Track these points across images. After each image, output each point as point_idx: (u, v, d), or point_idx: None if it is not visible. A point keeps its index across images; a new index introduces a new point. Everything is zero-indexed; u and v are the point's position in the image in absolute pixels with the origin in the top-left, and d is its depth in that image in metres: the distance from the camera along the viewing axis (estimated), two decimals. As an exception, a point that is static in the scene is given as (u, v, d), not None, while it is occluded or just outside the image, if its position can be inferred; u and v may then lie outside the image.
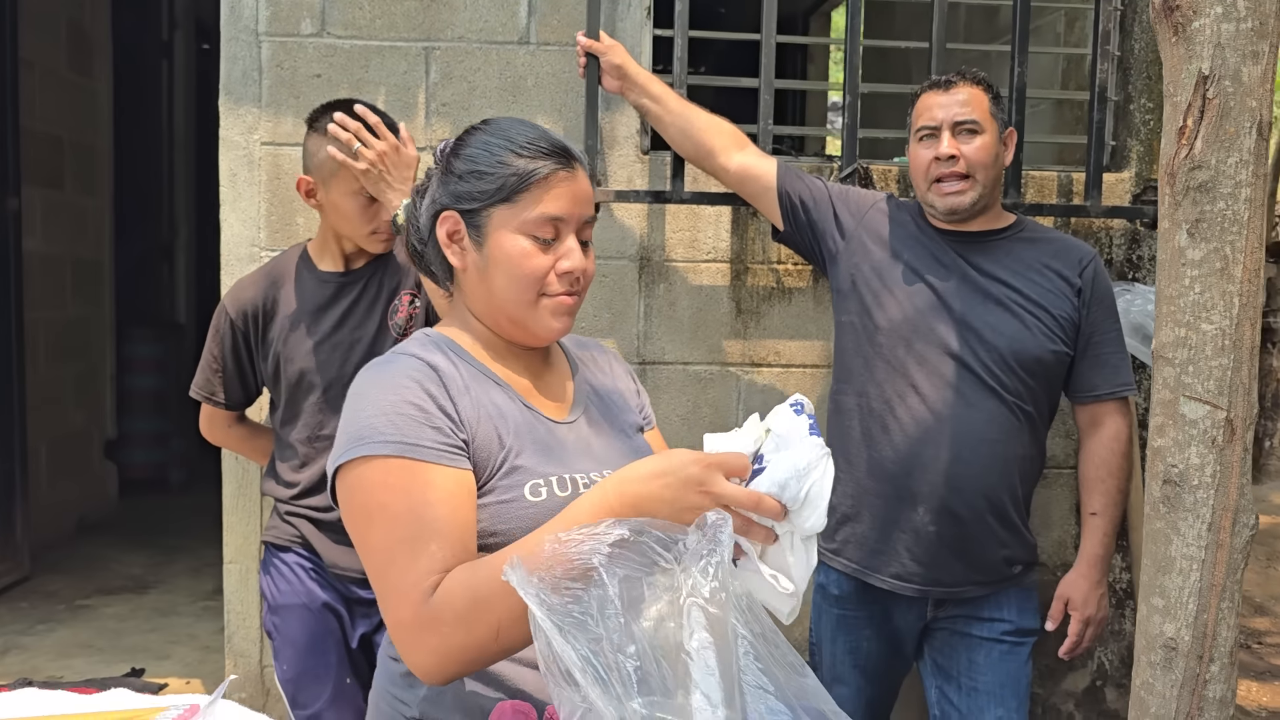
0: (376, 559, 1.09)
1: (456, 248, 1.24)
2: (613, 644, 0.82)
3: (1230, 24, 1.28)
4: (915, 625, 2.13)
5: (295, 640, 2.17)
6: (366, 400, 1.14)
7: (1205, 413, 1.32)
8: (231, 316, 2.16)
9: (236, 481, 2.61)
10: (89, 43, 5.14)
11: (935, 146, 2.03)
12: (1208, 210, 1.31)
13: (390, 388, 1.14)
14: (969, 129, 2.02)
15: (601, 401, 1.35)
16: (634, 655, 0.80)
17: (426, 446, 1.11)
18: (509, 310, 1.23)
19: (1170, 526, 1.36)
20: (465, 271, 1.25)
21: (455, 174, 1.24)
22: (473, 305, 1.27)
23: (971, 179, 2.02)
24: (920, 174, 2.07)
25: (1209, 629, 1.34)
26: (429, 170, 1.31)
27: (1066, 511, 2.74)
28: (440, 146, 1.29)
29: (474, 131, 1.26)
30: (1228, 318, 1.31)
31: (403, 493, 1.08)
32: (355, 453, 1.11)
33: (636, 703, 0.82)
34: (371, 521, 1.09)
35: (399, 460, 1.10)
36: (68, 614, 3.82)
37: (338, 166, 2.00)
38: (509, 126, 1.24)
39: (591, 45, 2.36)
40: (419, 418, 1.12)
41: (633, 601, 0.86)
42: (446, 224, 1.24)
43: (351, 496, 1.12)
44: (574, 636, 0.83)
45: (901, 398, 2.04)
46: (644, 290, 2.62)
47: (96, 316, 5.29)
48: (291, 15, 2.53)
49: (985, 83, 2.07)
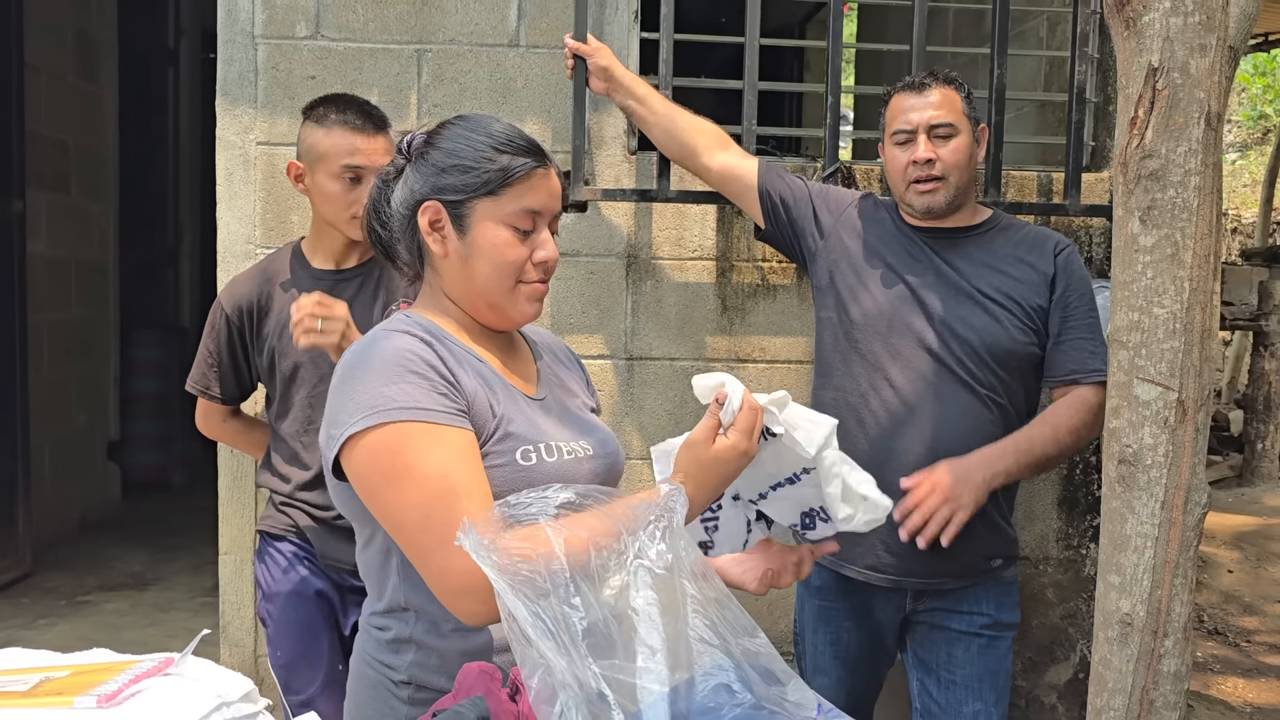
0: (409, 516, 1.14)
1: (438, 235, 1.30)
2: (560, 600, 0.86)
3: (1178, 18, 1.33)
4: (895, 618, 2.15)
5: (289, 627, 2.21)
6: (370, 372, 1.19)
7: (1157, 394, 1.36)
8: (227, 312, 2.21)
9: (232, 474, 2.67)
10: (96, 49, 5.22)
11: (912, 150, 2.06)
12: (1159, 198, 1.35)
13: (393, 360, 1.20)
14: (944, 132, 2.06)
15: (561, 383, 1.42)
16: (580, 608, 0.84)
17: (439, 410, 1.17)
18: (488, 296, 1.30)
19: (1125, 505, 1.40)
20: (446, 258, 1.31)
21: (436, 166, 1.29)
22: (450, 290, 1.33)
23: (946, 180, 2.06)
24: (897, 175, 2.10)
25: (1163, 605, 1.38)
26: (394, 160, 1.36)
27: (1049, 505, 2.77)
28: (407, 138, 1.34)
29: (449, 125, 1.32)
30: (1179, 302, 1.35)
31: (426, 453, 1.14)
32: (370, 420, 1.15)
33: (588, 661, 0.86)
34: (397, 483, 1.14)
35: (416, 424, 1.15)
36: (68, 609, 3.87)
37: (324, 152, 2.07)
38: (486, 122, 1.31)
39: (579, 48, 2.41)
40: (426, 385, 1.19)
41: (579, 561, 0.90)
42: (428, 213, 1.29)
43: (371, 460, 1.16)
44: (524, 595, 0.88)
45: (876, 391, 2.07)
46: (631, 287, 2.67)
47: (101, 319, 5.36)
48: (287, 18, 2.59)
49: (957, 82, 2.10)
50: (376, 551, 1.27)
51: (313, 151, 2.11)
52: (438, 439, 1.15)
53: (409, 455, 1.14)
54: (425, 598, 1.22)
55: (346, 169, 2.08)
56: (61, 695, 0.90)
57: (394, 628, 1.26)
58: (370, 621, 1.31)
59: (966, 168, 2.08)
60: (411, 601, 1.25)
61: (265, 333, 2.20)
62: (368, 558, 1.29)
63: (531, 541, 0.90)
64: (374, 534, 1.26)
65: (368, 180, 2.10)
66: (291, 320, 1.95)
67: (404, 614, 1.26)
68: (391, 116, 2.28)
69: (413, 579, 1.23)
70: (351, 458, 1.18)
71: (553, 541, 0.86)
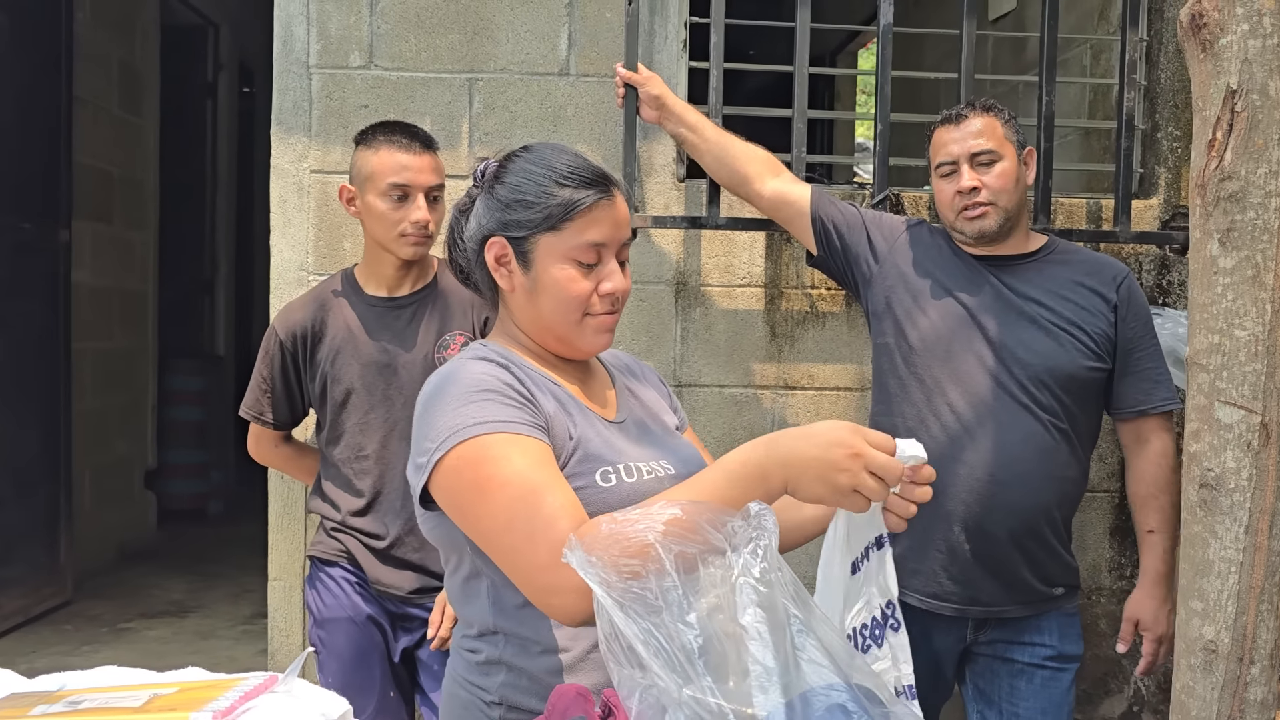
0: (495, 522, 1.13)
1: (504, 270, 1.31)
2: (674, 617, 0.86)
3: (1257, 40, 1.32)
4: (955, 648, 2.13)
5: (340, 653, 2.22)
6: (448, 398, 1.20)
7: (1240, 417, 1.35)
8: (281, 338, 2.23)
9: (282, 500, 2.67)
10: (139, 82, 5.32)
11: (957, 180, 2.07)
12: (1238, 220, 1.35)
13: (469, 383, 1.21)
14: (986, 159, 2.06)
15: (642, 405, 1.42)
16: (695, 625, 0.84)
17: (519, 423, 1.18)
18: (555, 330, 1.30)
19: (1208, 530, 1.39)
20: (513, 293, 1.32)
21: (501, 201, 1.30)
22: (520, 322, 1.34)
23: (995, 204, 2.06)
24: (946, 207, 2.11)
25: (1248, 631, 1.36)
26: (470, 190, 1.37)
27: (1101, 535, 2.74)
28: (480, 167, 1.35)
29: (516, 158, 1.33)
30: (1260, 324, 1.34)
31: (507, 460, 1.14)
32: (453, 440, 1.16)
33: (705, 679, 0.86)
34: (482, 494, 1.14)
35: (497, 435, 1.15)
36: (111, 636, 3.88)
37: (372, 171, 2.13)
38: (551, 155, 1.31)
39: (630, 77, 2.43)
40: (503, 400, 1.19)
41: (689, 578, 0.90)
42: (494, 249, 1.30)
43: (458, 479, 1.16)
44: (635, 613, 0.87)
45: (936, 415, 2.06)
46: (680, 314, 2.68)
47: (140, 348, 5.42)
48: (341, 49, 2.63)
49: (996, 108, 2.11)
50: (465, 576, 1.27)
51: (362, 172, 2.16)
52: (517, 446, 1.15)
53: (491, 465, 1.14)
54: (514, 621, 1.22)
55: (394, 186, 2.12)
56: (176, 711, 0.90)
57: (484, 650, 1.26)
58: (461, 644, 1.31)
59: (1014, 191, 2.08)
60: (501, 625, 1.24)
61: (318, 359, 2.21)
62: (455, 583, 1.30)
63: (641, 558, 0.89)
64: (462, 559, 1.27)
65: (414, 198, 2.12)
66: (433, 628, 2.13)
67: (493, 637, 1.26)
68: (444, 144, 2.31)
69: (501, 602, 1.23)
70: (438, 482, 1.18)
71: (664, 559, 0.86)
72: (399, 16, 2.64)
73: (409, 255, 2.16)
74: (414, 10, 2.64)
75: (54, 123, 4.19)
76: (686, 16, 2.70)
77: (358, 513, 2.20)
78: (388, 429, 2.17)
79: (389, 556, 2.18)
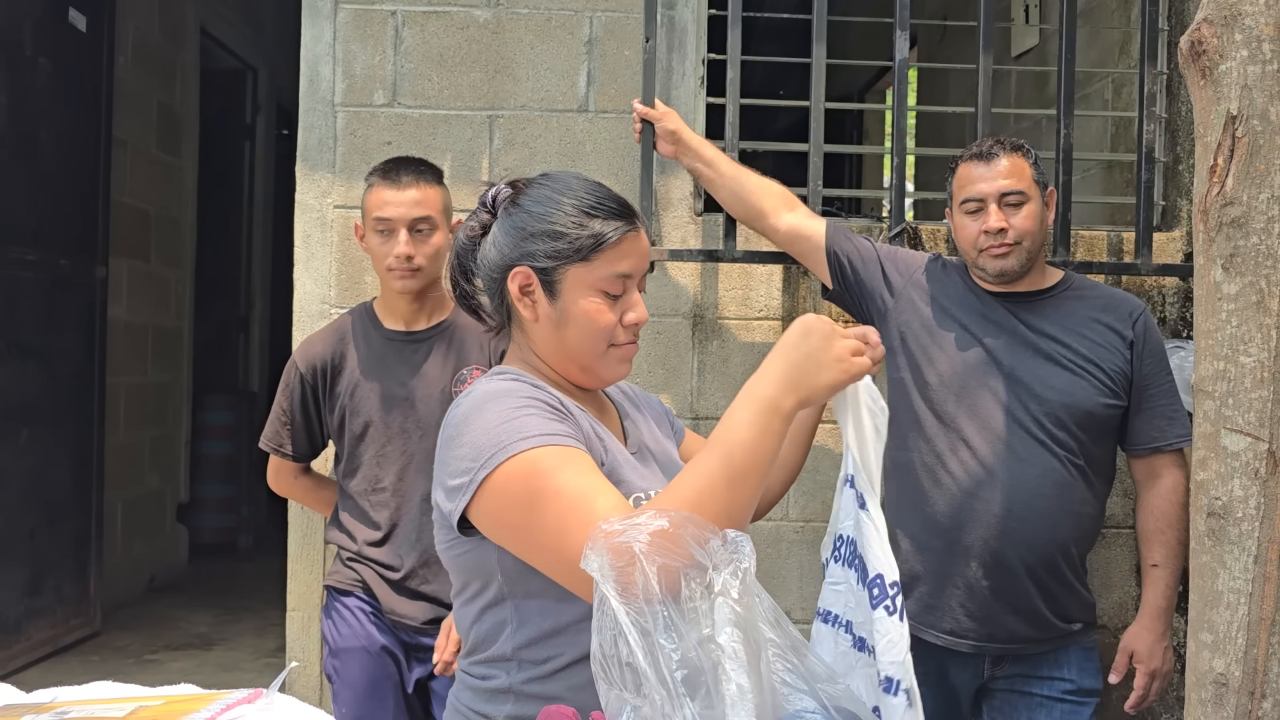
0: (549, 534, 1.11)
1: (528, 300, 1.30)
2: (659, 633, 0.85)
3: (1256, 66, 1.32)
4: (971, 684, 2.10)
5: (354, 683, 2.22)
6: (484, 417, 1.19)
7: (1246, 444, 1.33)
8: (301, 370, 2.26)
9: (301, 531, 2.70)
10: (178, 124, 5.45)
11: (983, 220, 2.05)
12: (1241, 245, 1.34)
13: (507, 402, 1.20)
14: (1015, 200, 2.05)
15: (646, 431, 1.43)
16: (675, 643, 0.84)
17: (564, 435, 1.18)
18: (580, 360, 1.30)
19: (1216, 560, 1.36)
20: (536, 322, 1.30)
21: (526, 231, 1.28)
22: (541, 352, 1.33)
23: (1020, 245, 2.05)
24: (968, 244, 2.10)
25: (1259, 664, 1.32)
26: (477, 215, 1.35)
27: (1127, 572, 2.69)
28: (491, 192, 1.34)
29: (536, 186, 1.31)
30: (1266, 349, 1.32)
31: (560, 471, 1.13)
32: (501, 456, 1.15)
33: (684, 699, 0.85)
34: (537, 507, 1.13)
35: (546, 449, 1.15)
36: (136, 668, 3.91)
37: (365, 209, 2.21)
38: (577, 185, 1.30)
39: (647, 113, 2.46)
40: (549, 416, 1.20)
41: (672, 596, 0.90)
42: (518, 279, 1.29)
43: (506, 495, 1.14)
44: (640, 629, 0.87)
45: (953, 451, 2.05)
46: (697, 347, 2.68)
47: (174, 383, 5.50)
48: (365, 87, 2.69)
49: (1024, 149, 2.10)
50: (487, 603, 1.25)
51: (362, 210, 2.25)
52: (566, 457, 1.15)
53: (543, 478, 1.13)
54: (538, 646, 1.21)
55: (378, 221, 2.18)
56: (156, 721, 0.91)
57: (496, 677, 1.24)
58: (469, 671, 1.29)
59: (1038, 232, 2.07)
60: (520, 653, 1.23)
61: (337, 391, 2.24)
62: (471, 610, 1.27)
63: (631, 573, 0.89)
64: (487, 585, 1.24)
65: (397, 232, 2.16)
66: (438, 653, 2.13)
67: (507, 664, 1.24)
68: (465, 180, 2.35)
69: (529, 625, 1.21)
70: (483, 501, 1.16)
71: (649, 573, 0.86)
72: (422, 55, 2.69)
73: (398, 289, 2.20)
74: (437, 49, 2.70)
75: (93, 162, 4.30)
76: (704, 53, 2.74)
77: (374, 544, 2.21)
78: (405, 461, 2.19)
79: (403, 588, 2.19)
